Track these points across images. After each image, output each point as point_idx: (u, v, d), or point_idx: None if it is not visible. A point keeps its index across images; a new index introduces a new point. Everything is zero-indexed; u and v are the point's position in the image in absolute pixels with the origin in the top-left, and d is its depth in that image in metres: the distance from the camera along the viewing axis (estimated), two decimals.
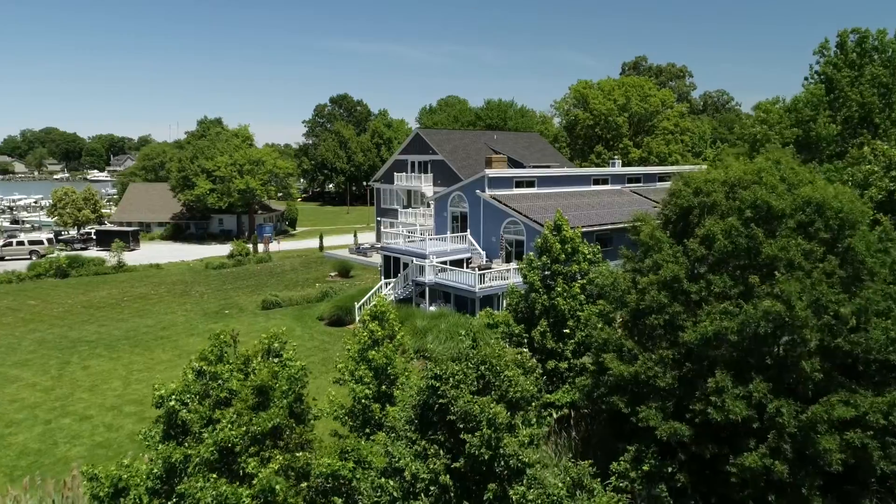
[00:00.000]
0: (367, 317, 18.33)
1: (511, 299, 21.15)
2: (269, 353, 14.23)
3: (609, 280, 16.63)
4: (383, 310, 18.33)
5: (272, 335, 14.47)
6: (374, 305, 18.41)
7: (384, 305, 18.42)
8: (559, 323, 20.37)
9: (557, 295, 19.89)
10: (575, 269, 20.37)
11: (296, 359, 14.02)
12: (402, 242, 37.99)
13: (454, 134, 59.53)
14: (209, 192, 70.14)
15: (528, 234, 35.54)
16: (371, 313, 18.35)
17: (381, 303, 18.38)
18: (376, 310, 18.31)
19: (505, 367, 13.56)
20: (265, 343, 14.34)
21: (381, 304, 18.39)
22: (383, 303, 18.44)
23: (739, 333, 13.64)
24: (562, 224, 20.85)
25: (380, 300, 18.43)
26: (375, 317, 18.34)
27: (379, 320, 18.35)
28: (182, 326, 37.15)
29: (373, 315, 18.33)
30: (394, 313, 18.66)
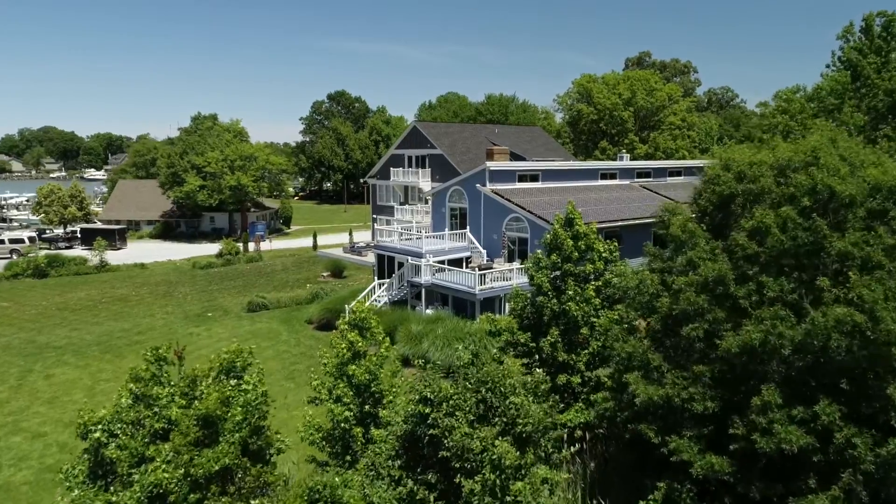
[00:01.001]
0: (345, 325, 15.75)
1: (515, 303, 18.55)
2: (226, 373, 11.61)
3: (633, 282, 14.00)
4: (364, 317, 15.74)
5: (233, 351, 11.85)
6: (355, 312, 15.83)
7: (366, 312, 15.83)
8: (571, 331, 17.78)
9: (569, 299, 17.29)
10: (589, 269, 17.77)
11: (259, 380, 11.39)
12: (396, 240, 35.40)
13: (453, 127, 56.91)
14: (199, 188, 67.52)
15: (532, 232, 32.95)
16: (351, 321, 15.77)
17: (361, 309, 15.78)
18: (356, 317, 15.73)
19: (511, 390, 10.95)
20: (222, 361, 11.72)
21: (362, 310, 15.79)
22: (364, 309, 15.84)
23: (800, 346, 11.05)
24: (574, 218, 18.25)
25: (359, 305, 15.81)
26: (356, 325, 15.77)
27: (360, 329, 15.78)
28: (160, 331, 34.54)
29: (353, 324, 15.76)
30: (376, 321, 16.09)
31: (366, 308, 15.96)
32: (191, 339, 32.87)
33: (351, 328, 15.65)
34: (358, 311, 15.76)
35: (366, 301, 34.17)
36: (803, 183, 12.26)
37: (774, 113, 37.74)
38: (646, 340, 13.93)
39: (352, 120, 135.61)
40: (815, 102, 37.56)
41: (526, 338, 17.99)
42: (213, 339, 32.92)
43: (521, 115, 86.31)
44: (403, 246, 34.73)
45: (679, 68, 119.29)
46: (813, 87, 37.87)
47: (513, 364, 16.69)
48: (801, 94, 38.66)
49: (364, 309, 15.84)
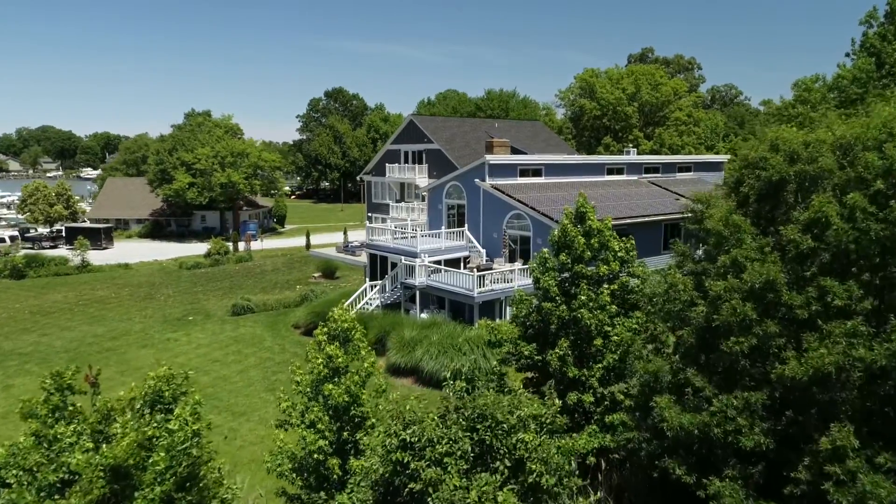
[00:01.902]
0: (323, 336, 13.38)
1: (518, 310, 16.20)
2: (151, 405, 9.21)
3: (661, 287, 11.63)
4: (346, 327, 13.39)
5: (161, 376, 9.46)
6: (333, 320, 13.46)
7: (347, 321, 13.47)
8: (582, 341, 15.45)
9: (581, 305, 14.94)
10: (603, 270, 15.42)
11: (194, 414, 8.97)
12: (390, 239, 33.04)
13: (451, 121, 54.54)
14: (188, 186, 65.12)
15: (534, 230, 30.61)
16: (330, 331, 13.41)
17: (342, 317, 13.42)
18: (335, 327, 13.37)
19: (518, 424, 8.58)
20: (147, 389, 9.33)
21: (343, 318, 13.43)
22: (345, 317, 13.48)
23: (881, 371, 8.71)
24: (586, 212, 15.90)
25: (340, 313, 13.45)
26: (335, 337, 13.41)
27: (340, 341, 13.43)
28: (136, 336, 32.19)
29: (331, 335, 13.40)
30: (361, 331, 13.73)
31: (348, 316, 13.59)
32: (168, 345, 30.53)
33: (330, 339, 13.31)
34: (339, 319, 13.40)
35: (357, 304, 31.85)
36: (875, 163, 9.91)
37: (793, 103, 35.36)
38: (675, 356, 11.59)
39: (349, 117, 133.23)
40: (835, 92, 35.16)
41: (530, 349, 15.66)
42: (192, 345, 30.57)
43: (522, 111, 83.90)
44: (397, 245, 32.38)
45: (683, 65, 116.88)
46: (833, 76, 35.49)
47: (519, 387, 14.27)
48: (821, 83, 36.28)
49: (346, 317, 13.47)
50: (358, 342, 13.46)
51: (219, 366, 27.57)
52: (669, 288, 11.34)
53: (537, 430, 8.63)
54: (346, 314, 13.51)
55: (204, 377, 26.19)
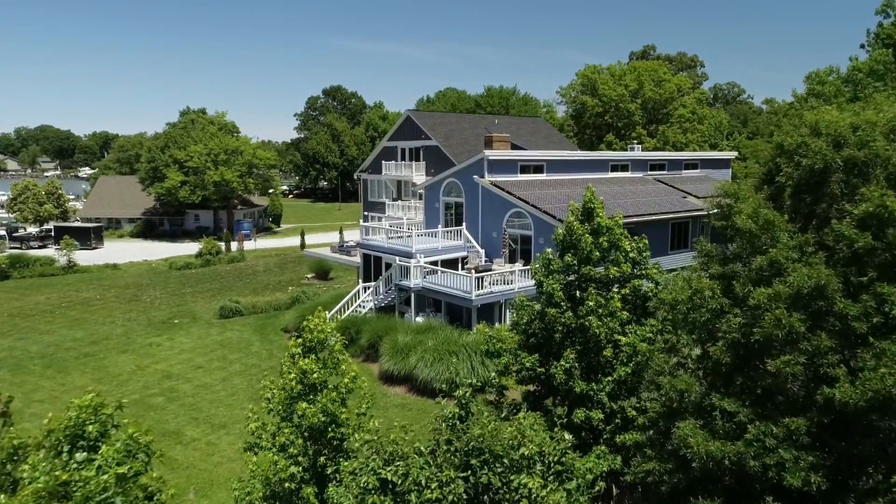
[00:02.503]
0: (296, 349, 11.85)
1: (519, 316, 14.65)
2: (72, 442, 7.56)
3: (685, 293, 10.07)
4: (323, 337, 11.85)
5: (85, 405, 7.78)
6: (309, 330, 11.92)
7: (325, 330, 11.93)
8: (591, 352, 13.91)
9: (589, 311, 13.39)
10: (613, 273, 13.87)
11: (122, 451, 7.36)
12: (384, 239, 31.49)
13: (449, 117, 52.98)
14: (181, 184, 63.55)
15: (536, 229, 29.07)
16: (304, 343, 11.87)
17: (318, 326, 11.88)
18: (312, 337, 11.83)
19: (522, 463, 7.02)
20: (71, 419, 7.70)
21: (320, 327, 11.89)
22: (323, 326, 11.93)
23: None
24: (594, 208, 14.35)
25: (317, 322, 11.90)
26: (311, 348, 11.88)
27: (316, 353, 11.89)
28: (117, 340, 30.65)
29: (307, 346, 11.86)
30: (340, 341, 12.20)
31: (326, 325, 12.04)
32: (149, 350, 28.98)
33: (305, 352, 11.77)
34: (315, 329, 11.85)
35: (349, 307, 30.30)
36: None
37: (806, 97, 33.80)
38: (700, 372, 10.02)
39: (348, 116, 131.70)
40: (849, 85, 33.59)
41: (532, 361, 14.11)
42: (175, 350, 29.03)
43: (523, 109, 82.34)
44: (391, 245, 30.82)
45: (685, 62, 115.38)
46: (848, 68, 33.92)
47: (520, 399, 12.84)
48: (835, 76, 34.72)
49: (324, 326, 11.92)
50: (338, 354, 11.93)
51: (201, 373, 26.03)
52: (694, 294, 9.79)
53: (543, 471, 7.10)
54: (323, 322, 11.96)
55: (185, 385, 24.66)
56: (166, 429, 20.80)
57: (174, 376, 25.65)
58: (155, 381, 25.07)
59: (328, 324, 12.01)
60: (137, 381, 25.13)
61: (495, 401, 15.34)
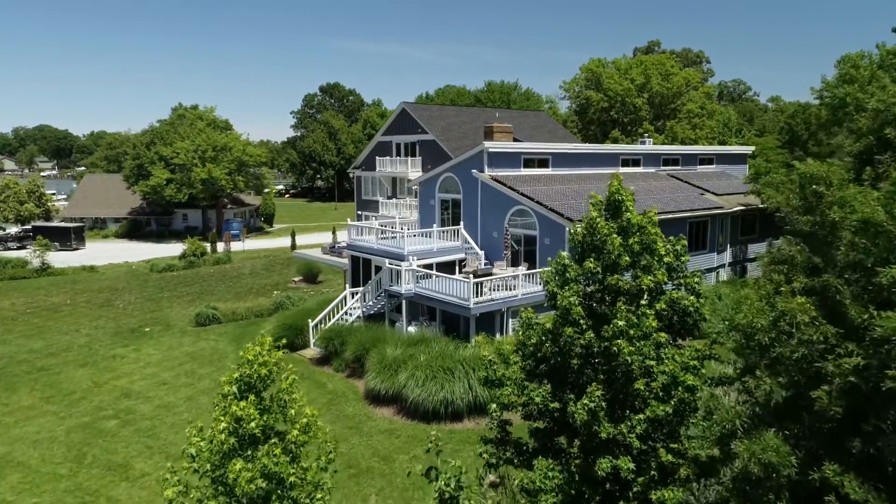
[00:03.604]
0: (229, 387, 8.90)
1: (526, 336, 11.70)
2: None
3: (764, 317, 7.09)
4: (265, 372, 8.90)
5: None
6: (247, 363, 8.96)
7: (268, 363, 8.97)
8: (617, 381, 10.98)
9: (617, 332, 10.45)
10: (647, 283, 10.92)
11: None
12: (374, 239, 28.56)
13: (447, 110, 50.06)
14: (166, 182, 60.64)
15: (541, 228, 26.17)
16: (241, 380, 8.91)
17: (260, 357, 8.93)
18: (251, 372, 8.87)
19: None
20: None
21: (262, 358, 8.94)
22: (266, 356, 8.98)
23: None
24: (623, 200, 11.42)
25: (258, 351, 8.94)
26: (251, 386, 8.92)
27: (258, 393, 8.94)
28: (78, 351, 27.74)
29: (245, 384, 8.90)
30: (291, 376, 9.27)
31: (272, 354, 9.09)
32: (111, 363, 26.08)
33: (241, 391, 8.82)
34: (256, 360, 8.89)
35: (335, 314, 27.37)
36: None
37: (838, 82, 30.82)
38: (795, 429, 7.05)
39: (345, 113, 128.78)
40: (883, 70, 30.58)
41: (543, 395, 11.17)
42: (141, 363, 26.11)
43: (524, 104, 79.37)
44: (381, 246, 27.90)
45: (691, 58, 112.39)
46: (882, 52, 30.90)
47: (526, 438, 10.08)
48: (867, 60, 31.71)
49: (267, 355, 8.96)
50: (285, 395, 8.99)
51: (165, 390, 23.11)
52: (779, 318, 6.88)
53: None
54: (266, 351, 9.01)
55: (144, 405, 21.74)
56: (113, 461, 17.87)
57: (134, 394, 22.73)
58: (111, 401, 22.15)
59: (274, 353, 9.06)
60: (91, 401, 22.21)
61: (496, 439, 12.45)
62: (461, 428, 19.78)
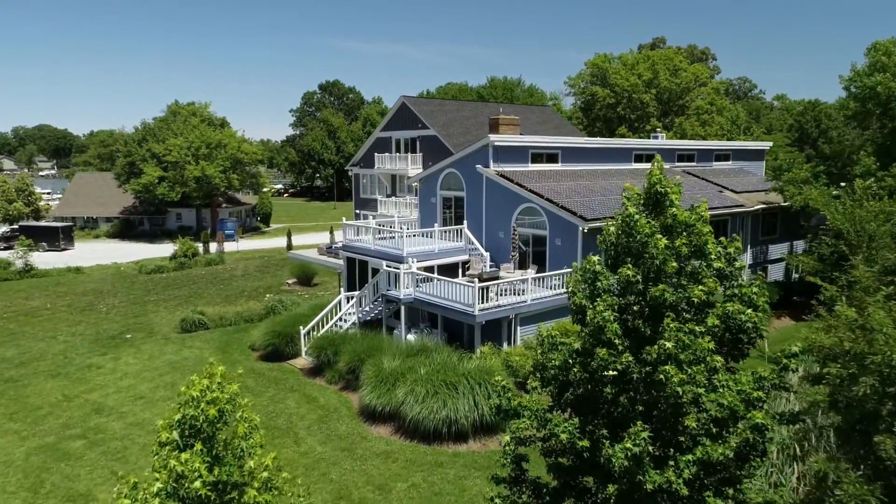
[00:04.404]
0: (168, 433, 6.86)
1: (547, 358, 9.65)
2: None
3: None
4: (214, 413, 6.87)
5: None
6: (192, 402, 6.92)
7: (219, 400, 6.94)
8: (662, 415, 8.95)
9: (664, 356, 8.41)
10: (698, 294, 8.88)
11: None
12: (371, 240, 26.55)
13: (449, 104, 48.03)
14: (158, 180, 58.66)
15: (552, 228, 24.15)
16: (184, 422, 6.88)
17: (210, 393, 6.90)
18: (196, 414, 6.84)
19: None
20: None
21: (211, 395, 6.91)
22: (216, 392, 6.95)
23: None
24: (667, 192, 9.41)
25: (205, 385, 6.93)
26: (197, 432, 6.88)
27: (206, 440, 6.90)
28: (51, 360, 25.73)
29: (190, 428, 6.87)
30: (249, 418, 7.25)
31: (227, 388, 7.07)
32: (86, 374, 24.06)
33: (186, 439, 6.78)
34: (203, 399, 6.86)
35: (328, 320, 25.35)
36: None
37: (869, 70, 28.78)
38: None
39: (345, 112, 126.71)
40: None
41: (569, 429, 9.14)
42: (118, 373, 24.09)
43: (528, 101, 77.32)
44: (378, 247, 25.89)
45: (697, 55, 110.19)
46: None
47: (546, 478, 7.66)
48: None
49: (218, 391, 6.94)
50: (241, 440, 6.96)
51: (141, 405, 21.09)
52: None
53: None
54: (216, 385, 6.98)
55: (116, 423, 19.72)
56: (74, 490, 15.85)
57: (106, 410, 20.72)
58: (80, 417, 20.13)
59: (229, 386, 7.04)
60: (58, 417, 20.19)
61: (510, 478, 10.44)
62: (466, 450, 17.76)
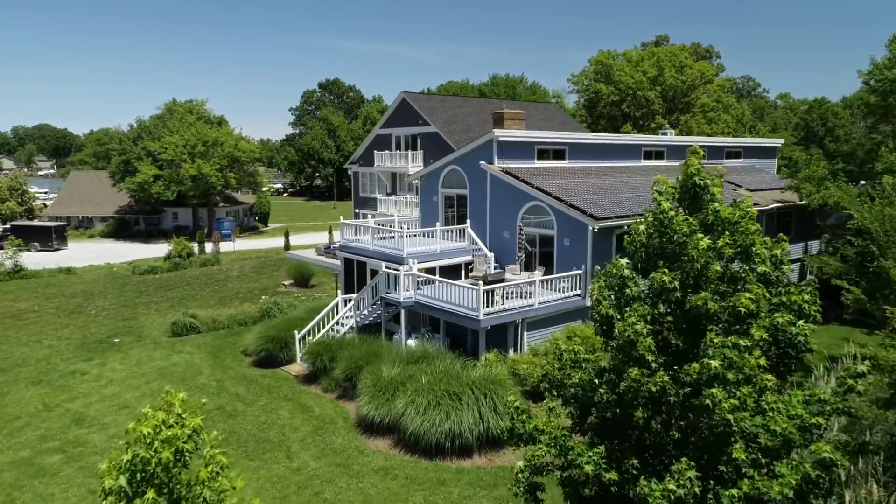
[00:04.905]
0: (112, 480, 5.60)
1: (568, 375, 8.41)
2: None
3: None
4: (169, 457, 5.58)
5: None
6: (142, 441, 5.64)
7: (179, 438, 5.66)
8: (703, 441, 7.70)
9: (708, 377, 7.17)
10: (745, 303, 7.62)
11: None
12: (369, 240, 25.31)
13: (451, 100, 46.77)
14: (154, 179, 57.43)
15: (560, 227, 22.90)
16: (131, 467, 5.62)
17: (159, 434, 5.62)
18: (148, 457, 5.57)
19: None
20: None
21: (163, 436, 5.63)
22: (173, 430, 5.67)
23: None
24: (707, 185, 8.17)
25: (159, 419, 5.66)
26: (149, 476, 5.61)
27: (161, 488, 5.62)
28: (34, 366, 24.52)
29: (141, 473, 5.60)
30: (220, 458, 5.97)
31: (187, 423, 5.83)
32: (69, 381, 22.84)
33: (133, 487, 5.53)
34: (155, 436, 5.61)
35: (325, 324, 24.12)
36: None
37: (889, 63, 27.51)
38: None
39: (345, 110, 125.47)
40: None
41: (594, 459, 7.90)
42: (103, 380, 22.87)
43: (531, 98, 76.15)
44: (377, 247, 24.65)
45: (701, 53, 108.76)
46: None
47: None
48: None
49: (177, 427, 5.70)
50: (205, 488, 5.71)
51: (125, 415, 19.86)
52: None
53: None
54: (174, 419, 5.74)
55: (97, 435, 18.50)
56: None
57: (87, 421, 19.50)
58: (59, 429, 18.92)
59: (190, 419, 5.79)
60: (36, 429, 18.98)
61: None
62: (470, 465, 16.52)
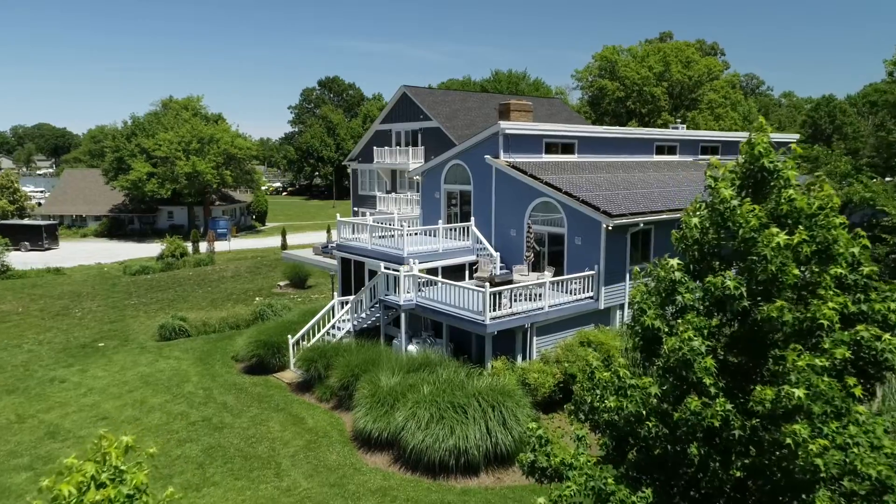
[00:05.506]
0: None
1: (606, 403, 6.92)
2: None
3: None
4: None
5: None
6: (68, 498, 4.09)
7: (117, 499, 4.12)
8: (773, 488, 6.21)
9: (791, 407, 5.68)
10: (828, 313, 6.13)
11: None
12: (367, 239, 23.81)
13: (453, 95, 45.30)
14: (147, 177, 55.93)
15: (570, 225, 21.40)
16: None
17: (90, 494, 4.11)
18: None
19: None
20: None
21: (94, 496, 4.09)
22: (104, 491, 4.16)
23: None
24: (776, 168, 6.66)
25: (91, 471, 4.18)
26: None
27: None
28: (11, 373, 23.05)
29: None
30: None
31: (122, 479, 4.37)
32: (46, 389, 21.36)
33: None
34: (80, 494, 4.13)
35: (319, 328, 22.65)
36: None
37: None
38: None
39: (345, 108, 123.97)
40: None
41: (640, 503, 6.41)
42: (82, 389, 21.39)
43: (534, 94, 74.62)
44: (376, 247, 23.15)
45: (705, 50, 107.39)
46: None
47: None
48: None
49: (111, 487, 4.23)
50: None
51: (103, 427, 18.31)
52: None
53: None
54: (108, 475, 4.26)
55: (71, 450, 16.98)
56: None
57: (61, 433, 18.05)
58: (31, 443, 17.45)
59: (133, 474, 4.34)
60: (6, 442, 17.52)
61: None
62: (477, 485, 15.06)
